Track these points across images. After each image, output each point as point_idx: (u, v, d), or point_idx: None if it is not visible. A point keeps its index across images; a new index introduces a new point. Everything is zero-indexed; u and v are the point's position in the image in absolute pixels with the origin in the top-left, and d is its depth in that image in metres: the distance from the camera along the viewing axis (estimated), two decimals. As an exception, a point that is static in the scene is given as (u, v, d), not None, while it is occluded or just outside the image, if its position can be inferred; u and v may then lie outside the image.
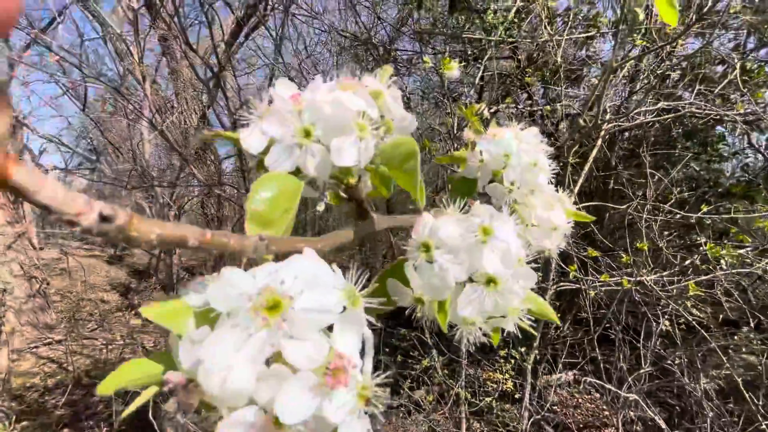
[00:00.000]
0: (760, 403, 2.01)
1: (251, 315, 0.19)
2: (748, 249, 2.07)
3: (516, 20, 2.57)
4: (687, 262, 2.17)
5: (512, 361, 2.36)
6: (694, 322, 2.13)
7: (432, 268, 0.30)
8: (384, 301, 0.25)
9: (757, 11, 2.23)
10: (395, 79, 0.35)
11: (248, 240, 0.22)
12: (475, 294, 0.31)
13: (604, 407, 2.67)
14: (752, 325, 2.27)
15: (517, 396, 2.37)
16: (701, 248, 2.11)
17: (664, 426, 1.99)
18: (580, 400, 2.84)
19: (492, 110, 2.55)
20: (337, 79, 0.32)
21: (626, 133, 2.87)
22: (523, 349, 2.36)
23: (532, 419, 2.25)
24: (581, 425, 2.55)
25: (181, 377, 0.19)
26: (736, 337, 2.40)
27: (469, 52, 2.90)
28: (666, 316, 2.23)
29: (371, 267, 3.04)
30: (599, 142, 2.36)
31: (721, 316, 2.39)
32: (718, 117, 2.24)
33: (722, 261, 2.03)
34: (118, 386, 0.20)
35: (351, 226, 0.33)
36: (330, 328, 0.22)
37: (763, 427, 1.91)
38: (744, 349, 2.47)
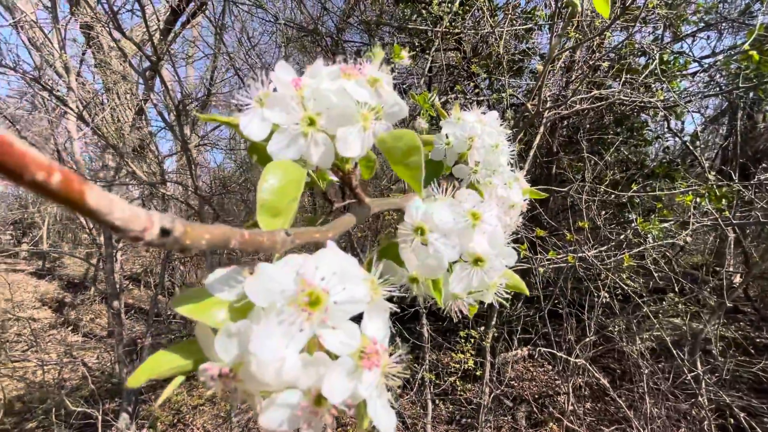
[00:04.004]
0: (686, 358, 2.27)
1: (297, 310, 0.21)
2: (671, 222, 2.30)
3: (460, 12, 2.64)
4: (621, 237, 2.37)
5: (472, 341, 2.46)
6: (629, 292, 2.35)
7: (427, 250, 0.32)
8: (395, 289, 0.28)
9: (671, 7, 2.47)
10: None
11: (277, 236, 0.23)
12: (465, 272, 0.34)
13: (556, 377, 2.88)
14: (677, 290, 2.54)
15: (478, 373, 2.48)
16: (633, 224, 2.32)
17: (608, 387, 2.18)
18: (534, 373, 3.04)
19: (441, 100, 2.61)
20: (340, 66, 0.32)
21: (565, 121, 3.06)
22: (481, 329, 2.47)
23: (492, 394, 2.37)
24: (536, 396, 2.73)
25: (221, 368, 0.21)
26: (664, 303, 2.68)
27: (417, 44, 2.94)
28: (606, 288, 2.44)
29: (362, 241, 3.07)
30: (541, 129, 2.50)
31: (651, 284, 2.65)
32: (642, 104, 2.46)
33: (650, 235, 2.25)
34: (148, 378, 0.21)
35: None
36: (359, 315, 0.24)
37: (689, 379, 2.16)
38: (671, 312, 2.76)
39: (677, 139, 3.01)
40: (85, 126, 2.16)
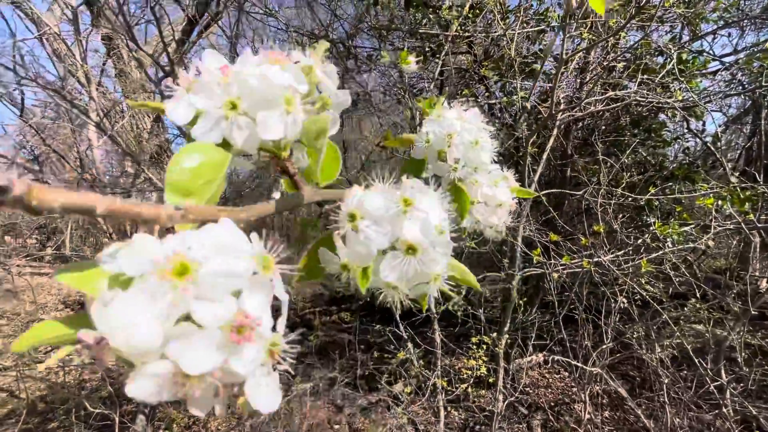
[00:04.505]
0: (709, 367, 2.18)
1: (158, 279, 0.20)
2: (692, 226, 2.23)
3: (470, 15, 2.62)
4: (639, 241, 2.31)
5: (484, 347, 2.42)
6: (648, 298, 2.28)
7: (357, 237, 0.32)
8: (298, 267, 0.27)
9: (689, 5, 2.40)
10: (329, 56, 0.36)
11: (163, 208, 0.22)
12: (397, 261, 0.32)
13: (573, 385, 2.81)
14: (699, 295, 2.45)
15: (491, 380, 2.44)
16: (651, 228, 2.26)
17: (626, 395, 2.11)
18: (550, 380, 2.97)
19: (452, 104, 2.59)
20: (266, 52, 0.32)
21: (579, 123, 3.01)
22: (494, 335, 2.43)
23: (506, 401, 2.33)
24: (552, 403, 2.67)
25: (93, 335, 0.20)
26: (685, 309, 2.59)
27: (427, 48, 2.94)
28: (623, 294, 2.37)
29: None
30: (555, 132, 2.46)
31: (671, 289, 2.57)
32: (659, 105, 2.40)
33: (669, 239, 2.18)
34: (31, 345, 0.21)
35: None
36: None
37: (713, 388, 2.08)
38: (693, 319, 2.67)
39: (698, 139, 2.92)
40: (103, 134, 2.22)
